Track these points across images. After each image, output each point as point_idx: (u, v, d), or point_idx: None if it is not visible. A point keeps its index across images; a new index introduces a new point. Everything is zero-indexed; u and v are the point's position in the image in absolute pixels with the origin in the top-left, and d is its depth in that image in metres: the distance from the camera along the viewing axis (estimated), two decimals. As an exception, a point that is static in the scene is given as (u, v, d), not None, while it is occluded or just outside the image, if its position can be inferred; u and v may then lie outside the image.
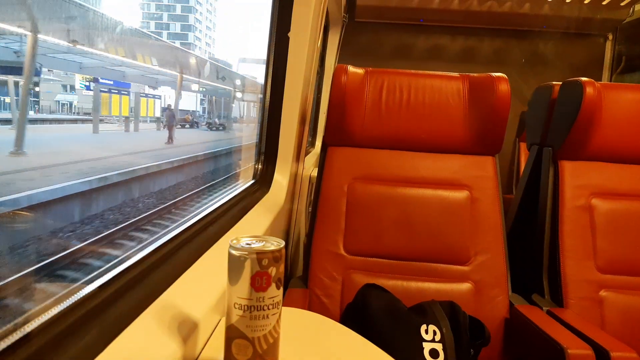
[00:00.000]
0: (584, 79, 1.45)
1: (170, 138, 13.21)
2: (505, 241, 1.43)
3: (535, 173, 1.64)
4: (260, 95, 1.60)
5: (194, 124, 23.61)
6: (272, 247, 0.55)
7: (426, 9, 3.09)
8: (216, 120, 25.29)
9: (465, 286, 1.36)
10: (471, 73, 1.49)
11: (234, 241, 0.56)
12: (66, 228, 4.98)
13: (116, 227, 5.04)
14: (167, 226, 5.58)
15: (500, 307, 1.36)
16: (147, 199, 7.07)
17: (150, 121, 19.74)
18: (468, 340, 1.09)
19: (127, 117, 16.10)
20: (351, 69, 1.45)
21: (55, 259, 3.80)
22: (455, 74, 1.49)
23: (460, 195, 1.44)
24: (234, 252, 0.55)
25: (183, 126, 21.73)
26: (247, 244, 0.56)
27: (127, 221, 5.34)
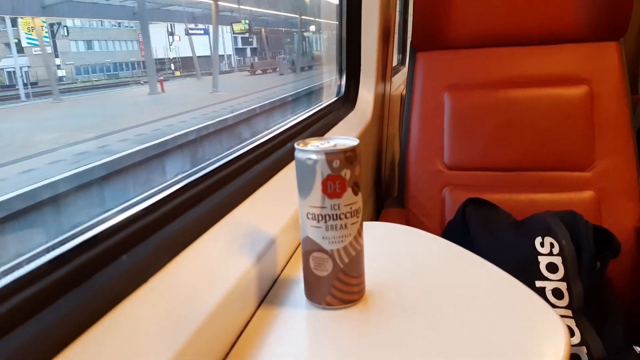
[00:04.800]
0: None
1: None
2: (635, 141, 1.21)
3: None
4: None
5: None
6: (344, 147, 0.47)
7: None
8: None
9: (587, 194, 1.19)
10: None
11: (301, 144, 0.48)
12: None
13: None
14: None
15: (630, 216, 1.18)
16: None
17: None
18: (593, 252, 0.94)
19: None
20: None
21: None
22: None
23: (578, 91, 1.22)
24: (300, 155, 0.47)
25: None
26: (315, 145, 0.48)
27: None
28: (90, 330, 0.32)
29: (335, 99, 1.40)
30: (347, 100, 1.40)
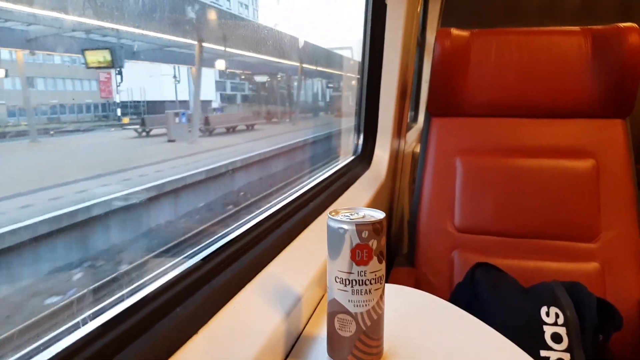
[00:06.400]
0: None
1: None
2: (638, 215, 1.26)
3: None
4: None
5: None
6: (372, 219, 0.52)
7: None
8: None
9: (592, 266, 1.23)
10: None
11: (333, 213, 0.54)
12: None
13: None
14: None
15: (634, 288, 1.21)
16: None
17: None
18: (596, 324, 0.97)
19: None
20: (455, 31, 1.35)
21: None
22: (576, 28, 1.33)
23: (584, 164, 1.29)
24: (332, 224, 0.53)
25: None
26: (346, 215, 0.54)
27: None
28: None
29: (353, 157, 1.47)
30: (363, 159, 1.47)
